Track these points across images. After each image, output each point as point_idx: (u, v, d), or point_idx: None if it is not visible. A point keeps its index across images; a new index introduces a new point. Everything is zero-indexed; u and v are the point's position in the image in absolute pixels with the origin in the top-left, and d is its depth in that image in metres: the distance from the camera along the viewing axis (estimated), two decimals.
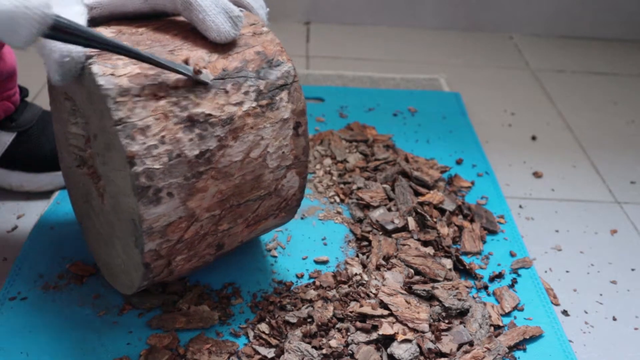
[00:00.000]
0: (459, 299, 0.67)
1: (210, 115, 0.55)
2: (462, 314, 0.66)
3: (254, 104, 0.57)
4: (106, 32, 0.56)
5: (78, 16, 0.53)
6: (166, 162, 0.52)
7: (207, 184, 0.55)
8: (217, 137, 0.55)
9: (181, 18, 0.60)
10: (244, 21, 0.58)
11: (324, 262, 0.72)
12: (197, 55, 0.56)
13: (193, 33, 0.58)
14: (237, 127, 0.56)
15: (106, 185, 0.58)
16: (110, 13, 0.57)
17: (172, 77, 0.54)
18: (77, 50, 0.51)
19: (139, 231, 0.53)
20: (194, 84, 0.55)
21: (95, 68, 0.51)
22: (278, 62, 0.60)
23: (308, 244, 0.75)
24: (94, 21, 0.57)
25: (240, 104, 0.56)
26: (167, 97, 0.53)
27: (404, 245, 0.74)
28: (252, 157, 0.58)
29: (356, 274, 0.69)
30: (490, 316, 0.66)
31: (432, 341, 0.62)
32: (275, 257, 0.73)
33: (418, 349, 0.61)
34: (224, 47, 0.58)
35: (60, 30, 0.47)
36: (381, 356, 0.61)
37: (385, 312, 0.64)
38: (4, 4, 0.43)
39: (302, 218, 0.79)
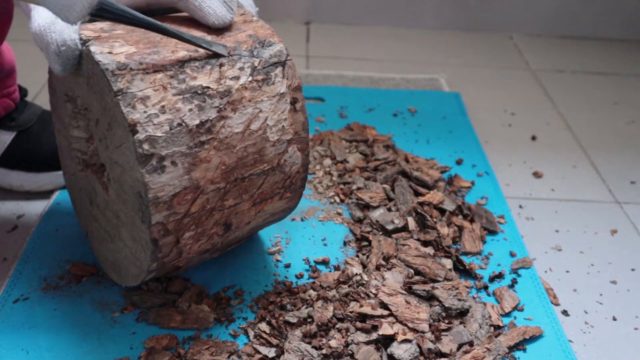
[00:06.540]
0: (459, 299, 0.67)
1: (207, 87, 0.56)
2: (462, 314, 0.66)
3: (250, 79, 0.59)
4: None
5: None
6: (167, 130, 0.54)
7: (210, 154, 0.56)
8: (217, 108, 0.57)
9: (173, 14, 0.62)
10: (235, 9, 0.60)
11: (324, 263, 0.72)
12: None
13: (187, 21, 0.60)
14: (235, 100, 0.58)
15: (110, 171, 0.59)
16: None
17: (168, 54, 0.56)
18: (71, 38, 0.54)
19: (145, 202, 0.54)
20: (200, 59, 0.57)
21: (93, 48, 0.54)
22: (270, 42, 0.62)
23: (308, 245, 0.75)
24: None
25: (236, 78, 0.58)
26: (164, 71, 0.55)
27: (404, 245, 0.74)
28: (253, 129, 0.59)
29: (356, 274, 0.69)
30: (490, 316, 0.66)
31: (432, 341, 0.62)
32: (275, 257, 0.73)
33: (418, 349, 0.61)
34: (217, 31, 0.60)
35: (106, 10, 0.52)
36: (381, 356, 0.61)
37: (385, 312, 0.64)
38: None
39: (302, 219, 0.79)
